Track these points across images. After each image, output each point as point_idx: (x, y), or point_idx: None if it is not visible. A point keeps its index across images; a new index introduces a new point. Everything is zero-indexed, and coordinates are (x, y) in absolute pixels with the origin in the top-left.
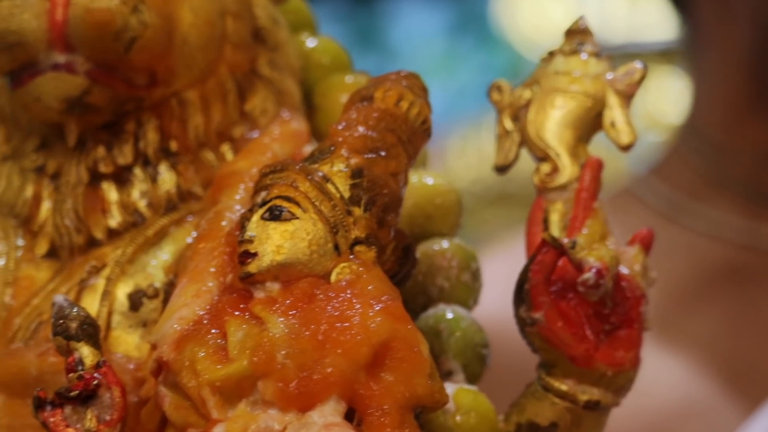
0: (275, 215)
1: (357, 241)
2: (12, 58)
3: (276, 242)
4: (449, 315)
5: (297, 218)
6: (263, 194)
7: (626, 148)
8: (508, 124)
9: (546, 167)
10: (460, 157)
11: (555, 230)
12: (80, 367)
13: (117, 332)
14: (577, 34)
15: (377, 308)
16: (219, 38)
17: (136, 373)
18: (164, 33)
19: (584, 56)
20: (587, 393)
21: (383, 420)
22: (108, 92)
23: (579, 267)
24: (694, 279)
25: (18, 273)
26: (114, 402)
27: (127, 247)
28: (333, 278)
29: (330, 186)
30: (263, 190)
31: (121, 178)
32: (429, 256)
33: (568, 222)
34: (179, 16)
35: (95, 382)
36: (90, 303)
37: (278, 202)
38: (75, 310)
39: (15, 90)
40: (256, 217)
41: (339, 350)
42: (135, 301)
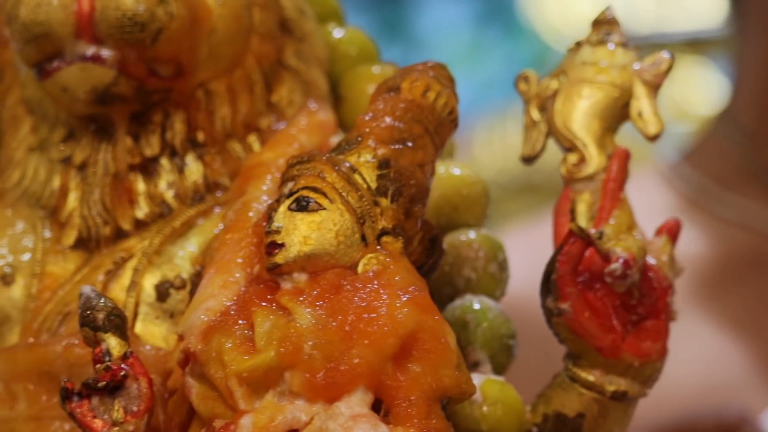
0: (302, 206)
1: (384, 232)
2: (39, 50)
3: (303, 233)
4: (476, 306)
5: (324, 209)
6: (290, 185)
7: (653, 139)
8: (535, 115)
9: (573, 158)
10: (486, 148)
11: (582, 221)
12: (107, 358)
13: (144, 323)
14: (604, 25)
15: (404, 299)
16: (246, 29)
17: (163, 364)
18: (191, 24)
19: (611, 46)
20: (614, 383)
21: (410, 411)
22: (134, 83)
23: (606, 257)
24: (721, 265)
25: (45, 264)
26: (141, 393)
27: (154, 238)
28: (360, 269)
29: (357, 177)
30: (290, 181)
31: (148, 169)
32: (456, 247)
33: (595, 212)
34: (206, 7)
35: (122, 373)
36: (117, 294)
37: (305, 193)
38: (102, 301)
39: (42, 81)
40: (283, 208)
41: (366, 341)
42: (162, 292)
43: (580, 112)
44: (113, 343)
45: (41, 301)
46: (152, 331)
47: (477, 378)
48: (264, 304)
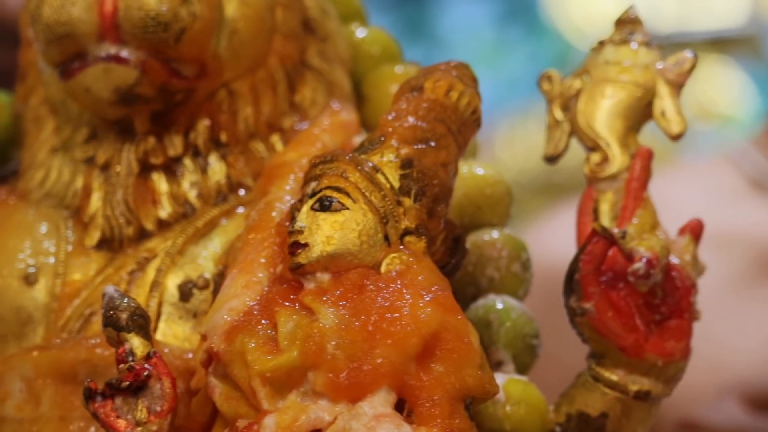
0: (325, 206)
1: (407, 232)
2: (62, 50)
3: (326, 233)
4: (499, 305)
5: (347, 209)
6: (313, 185)
7: (676, 138)
8: (558, 114)
9: (596, 157)
10: (508, 148)
11: (605, 220)
12: (131, 358)
13: (167, 323)
14: (627, 24)
15: (427, 299)
16: (268, 29)
17: (187, 364)
18: (213, 24)
19: (634, 46)
20: (637, 383)
21: (433, 411)
22: (157, 83)
23: (629, 257)
24: None
25: (68, 264)
26: (164, 393)
27: (177, 238)
28: (383, 269)
29: (380, 176)
30: (313, 181)
31: (171, 169)
32: (479, 247)
33: (619, 212)
34: (228, 7)
35: (146, 373)
36: (140, 294)
37: (328, 193)
38: (125, 301)
39: (65, 81)
40: (306, 208)
41: (389, 341)
42: (185, 292)
43: (603, 112)
44: (136, 343)
45: (64, 302)
46: (175, 331)
47: (500, 378)
48: (287, 304)
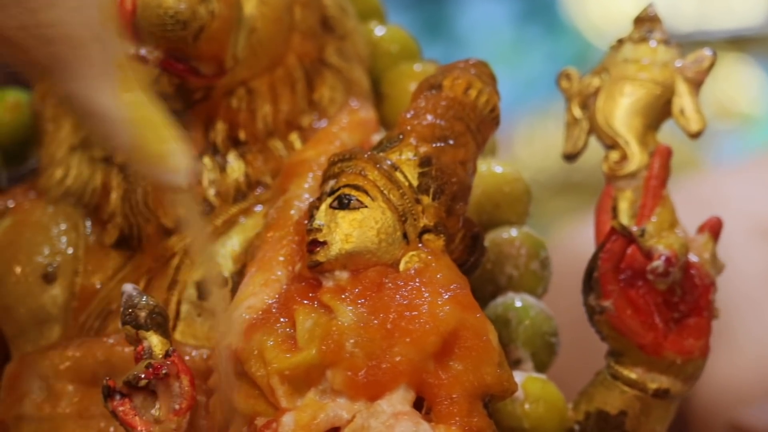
0: (344, 204)
1: (426, 230)
2: None
3: (345, 231)
4: (518, 303)
5: (366, 207)
6: (332, 183)
7: (695, 136)
8: (577, 112)
9: (615, 155)
10: (527, 146)
11: (624, 218)
12: (149, 357)
13: (185, 321)
14: (646, 22)
15: (446, 297)
16: (287, 27)
17: (205, 362)
18: (232, 22)
19: (653, 44)
20: (656, 381)
21: (452, 409)
22: (176, 81)
23: (648, 255)
24: None
25: (87, 263)
26: (183, 391)
27: None
28: (402, 267)
29: (398, 174)
30: (332, 179)
31: None
32: (498, 245)
33: (637, 210)
34: (247, 6)
35: (164, 371)
36: (159, 292)
37: (347, 191)
38: (144, 300)
39: None
40: (325, 206)
41: (408, 339)
42: (203, 290)
43: (622, 110)
44: (155, 341)
45: (83, 300)
46: (194, 330)
47: (519, 376)
48: (306, 302)
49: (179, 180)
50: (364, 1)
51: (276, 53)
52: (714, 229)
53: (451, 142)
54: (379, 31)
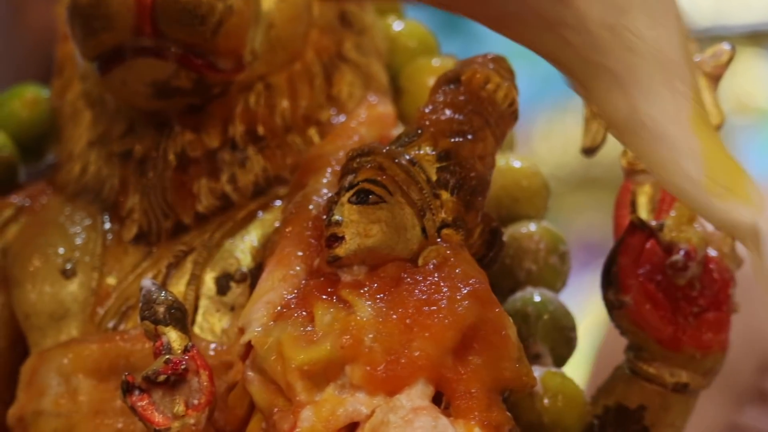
0: (363, 199)
1: (444, 225)
2: (99, 44)
3: (363, 226)
4: (537, 298)
5: (384, 201)
6: (350, 178)
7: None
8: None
9: None
10: (545, 141)
11: (643, 213)
12: (168, 352)
13: (204, 316)
14: None
15: (465, 292)
16: (305, 23)
17: (224, 358)
18: (250, 17)
19: None
20: (676, 376)
21: (471, 403)
22: (194, 76)
23: (667, 249)
24: None
25: (105, 258)
26: (202, 386)
27: (215, 232)
28: (420, 262)
29: (417, 169)
30: (350, 174)
31: (209, 163)
32: (516, 239)
33: (656, 204)
34: (265, 1)
35: (183, 366)
36: (177, 287)
37: (365, 186)
38: (163, 295)
39: (102, 76)
40: (344, 201)
41: (426, 334)
42: (222, 285)
43: None
44: (174, 337)
45: (102, 296)
46: (212, 325)
47: (537, 370)
48: (324, 297)
49: (749, 217)
50: None
51: (294, 48)
52: None
53: (470, 137)
54: (398, 26)
